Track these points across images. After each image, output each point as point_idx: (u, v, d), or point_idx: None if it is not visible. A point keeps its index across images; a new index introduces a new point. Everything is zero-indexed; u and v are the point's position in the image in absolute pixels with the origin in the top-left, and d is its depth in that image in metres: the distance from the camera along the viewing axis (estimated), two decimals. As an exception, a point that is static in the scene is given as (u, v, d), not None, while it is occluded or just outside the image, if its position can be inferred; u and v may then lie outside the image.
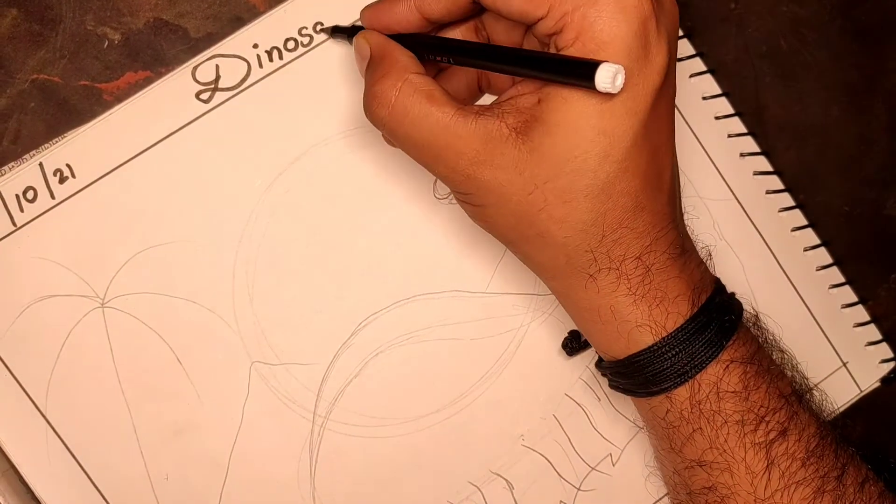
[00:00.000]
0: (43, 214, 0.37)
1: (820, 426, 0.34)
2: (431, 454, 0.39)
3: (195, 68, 0.38)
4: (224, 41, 0.38)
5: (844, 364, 0.43)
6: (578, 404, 0.40)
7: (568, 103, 0.29)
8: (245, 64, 0.38)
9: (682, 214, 0.34)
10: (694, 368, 0.32)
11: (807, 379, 0.37)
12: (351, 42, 0.35)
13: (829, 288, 0.42)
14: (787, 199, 0.42)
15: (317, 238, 0.39)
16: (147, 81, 0.38)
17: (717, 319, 0.33)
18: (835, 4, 0.43)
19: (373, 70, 0.33)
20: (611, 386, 0.36)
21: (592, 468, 0.40)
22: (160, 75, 0.38)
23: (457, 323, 0.39)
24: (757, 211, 0.42)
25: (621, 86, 0.27)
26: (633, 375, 0.33)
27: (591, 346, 0.39)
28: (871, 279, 0.43)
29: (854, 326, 0.42)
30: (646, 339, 0.32)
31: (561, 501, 0.40)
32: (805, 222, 0.42)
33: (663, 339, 0.32)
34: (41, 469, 0.37)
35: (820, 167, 0.43)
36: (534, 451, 0.40)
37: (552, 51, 0.30)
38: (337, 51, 0.38)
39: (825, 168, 0.43)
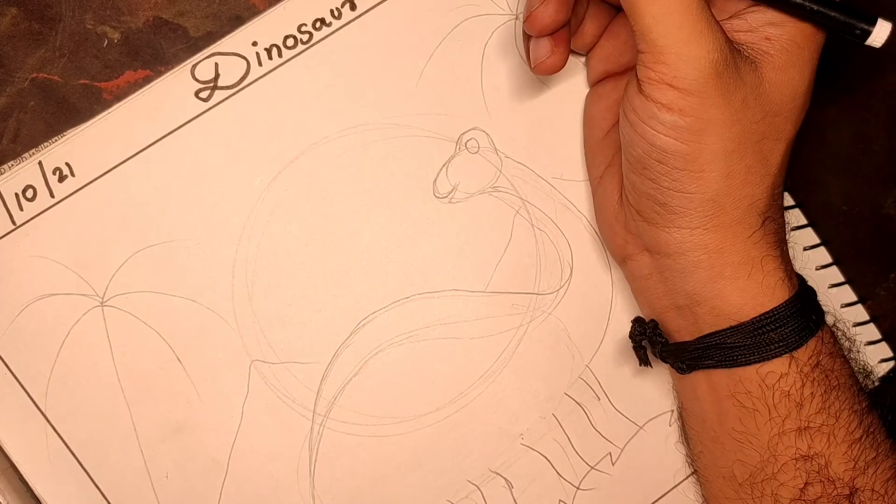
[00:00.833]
0: (42, 213, 0.37)
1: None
2: (431, 453, 0.39)
3: (194, 66, 0.38)
4: (223, 39, 0.38)
5: (844, 363, 0.43)
6: (578, 403, 0.40)
7: (798, 49, 0.31)
8: (244, 62, 0.38)
9: None
10: (817, 325, 0.32)
11: None
12: None
13: (829, 287, 0.42)
14: (786, 199, 0.42)
15: (316, 237, 0.39)
16: (146, 80, 0.38)
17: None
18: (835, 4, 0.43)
19: None
20: (690, 366, 0.34)
21: (592, 467, 0.40)
22: (160, 74, 0.38)
23: (456, 322, 0.39)
24: (756, 210, 0.42)
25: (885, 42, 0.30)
26: (756, 337, 0.32)
27: (654, 334, 0.36)
28: (870, 278, 0.43)
29: (853, 326, 0.42)
30: (783, 293, 0.32)
31: (560, 500, 0.40)
32: (804, 221, 0.42)
33: (796, 294, 0.32)
34: (41, 467, 0.37)
35: (818, 166, 0.43)
36: (533, 450, 0.40)
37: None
38: (336, 48, 0.39)
39: (824, 167, 0.43)
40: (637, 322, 0.38)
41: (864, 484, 0.32)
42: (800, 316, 0.32)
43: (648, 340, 0.37)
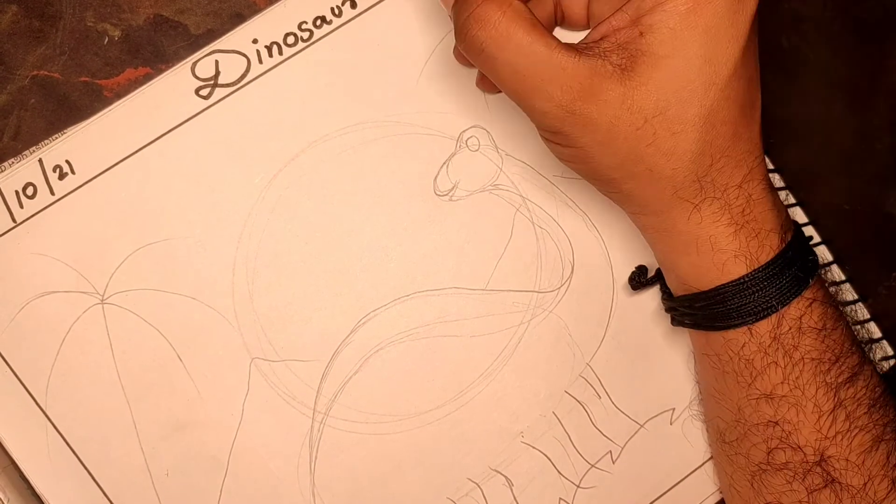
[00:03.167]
0: (42, 211, 0.37)
1: (881, 378, 0.35)
2: (431, 450, 0.39)
3: (195, 64, 0.38)
4: (224, 37, 0.38)
5: (844, 362, 0.43)
6: (578, 401, 0.40)
7: (675, 33, 0.29)
8: (245, 60, 0.38)
9: None
10: (779, 303, 0.32)
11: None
12: None
13: (830, 286, 0.42)
14: (787, 197, 0.42)
15: (317, 235, 0.39)
16: (147, 78, 0.38)
17: (802, 257, 0.33)
18: (836, 1, 0.43)
19: None
20: (678, 321, 0.36)
21: (592, 465, 0.40)
22: (160, 72, 0.38)
23: (457, 320, 0.39)
24: (757, 208, 0.42)
25: None
26: (715, 307, 0.33)
27: (655, 283, 0.39)
28: (871, 277, 0.43)
29: (854, 324, 0.42)
30: (739, 269, 0.32)
31: (560, 499, 0.40)
32: (805, 220, 0.42)
33: (755, 270, 0.32)
34: (41, 465, 0.37)
35: (820, 165, 0.43)
36: (533, 448, 0.40)
37: None
38: (337, 46, 0.38)
39: (826, 166, 0.43)
40: (637, 268, 0.40)
41: (837, 453, 0.33)
42: (756, 292, 0.32)
43: (638, 285, 0.40)
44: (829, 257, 0.42)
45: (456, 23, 0.32)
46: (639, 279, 0.40)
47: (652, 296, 0.40)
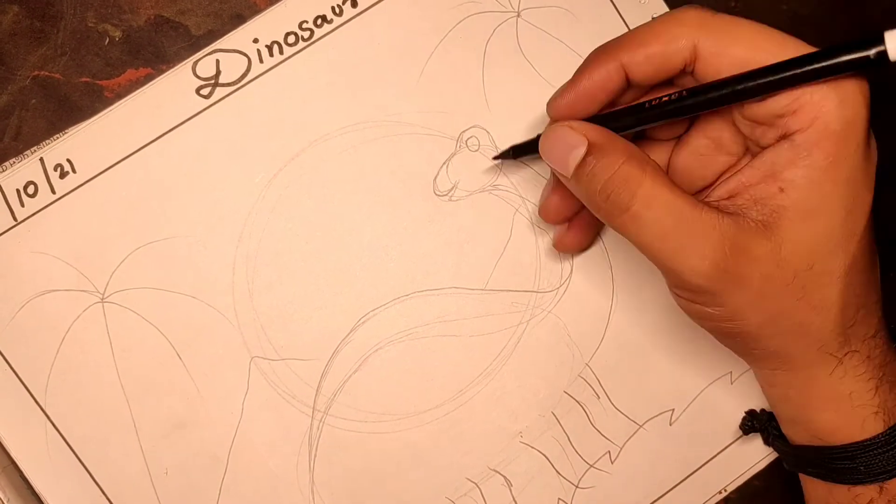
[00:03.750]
0: (43, 209, 0.37)
1: None
2: (430, 450, 0.39)
3: (195, 63, 0.38)
4: (224, 36, 0.38)
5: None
6: (577, 402, 0.40)
7: (819, 186, 0.28)
8: (245, 59, 0.38)
9: None
10: None
11: None
12: (538, 153, 0.34)
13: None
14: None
15: (317, 234, 0.39)
16: (148, 78, 0.38)
17: None
18: (835, 2, 0.43)
19: (606, 156, 0.30)
20: (799, 468, 0.35)
21: (591, 465, 0.40)
22: (161, 72, 0.38)
23: (456, 319, 0.39)
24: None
25: None
26: (844, 462, 0.32)
27: (766, 426, 0.39)
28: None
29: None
30: (877, 427, 0.32)
31: (559, 499, 0.40)
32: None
33: (892, 428, 0.31)
34: (40, 464, 0.37)
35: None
36: (532, 448, 0.40)
37: (775, 136, 0.29)
38: (337, 45, 0.39)
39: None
40: (748, 413, 0.40)
41: None
42: (891, 449, 0.31)
43: (758, 430, 0.39)
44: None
45: (590, 186, 0.31)
46: (752, 424, 0.39)
47: (651, 296, 0.40)
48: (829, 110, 0.28)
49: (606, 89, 0.32)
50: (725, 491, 0.41)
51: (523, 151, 0.37)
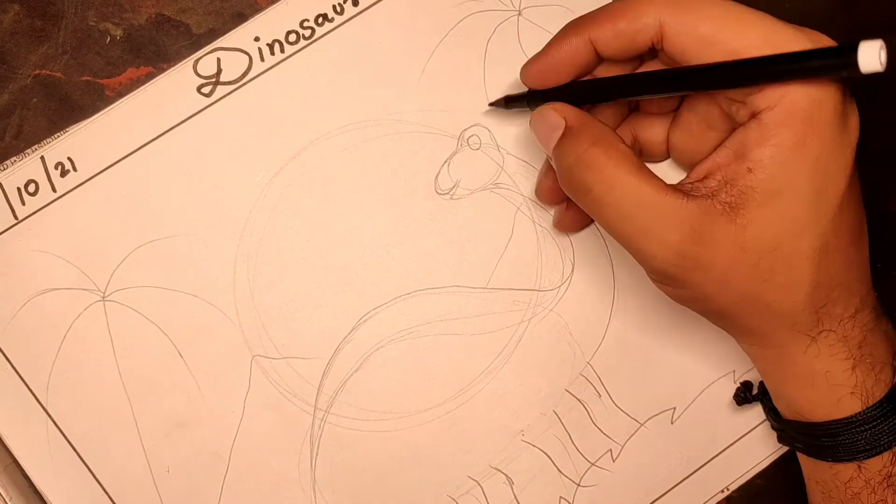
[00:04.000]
0: (44, 208, 0.37)
1: None
2: (431, 448, 0.39)
3: (196, 62, 0.38)
4: (226, 35, 0.38)
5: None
6: (579, 400, 0.40)
7: (785, 167, 0.28)
8: (246, 57, 0.38)
9: None
10: (892, 441, 0.32)
11: None
12: (530, 109, 0.34)
13: None
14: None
15: (318, 232, 0.39)
16: (149, 77, 0.38)
17: None
18: (837, 0, 0.43)
19: (575, 138, 0.31)
20: (786, 442, 0.36)
21: (592, 464, 0.40)
22: (162, 71, 0.38)
23: (457, 318, 0.39)
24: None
25: (885, 63, 0.25)
26: (825, 439, 0.33)
27: (760, 399, 0.39)
28: (872, 275, 0.43)
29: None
30: (854, 406, 0.32)
31: (561, 497, 0.40)
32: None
33: (869, 408, 0.31)
34: (42, 462, 0.37)
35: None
36: (534, 446, 0.40)
37: (742, 117, 0.29)
38: (339, 44, 0.39)
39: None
40: (743, 384, 0.40)
41: None
42: (869, 429, 0.32)
43: (744, 401, 0.39)
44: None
45: (560, 166, 0.31)
46: (744, 395, 0.39)
47: (653, 294, 0.40)
48: (797, 88, 0.28)
49: (574, 63, 0.32)
50: (728, 490, 0.41)
51: (515, 102, 0.37)
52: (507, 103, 0.38)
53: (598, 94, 0.33)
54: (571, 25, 0.32)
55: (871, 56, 0.24)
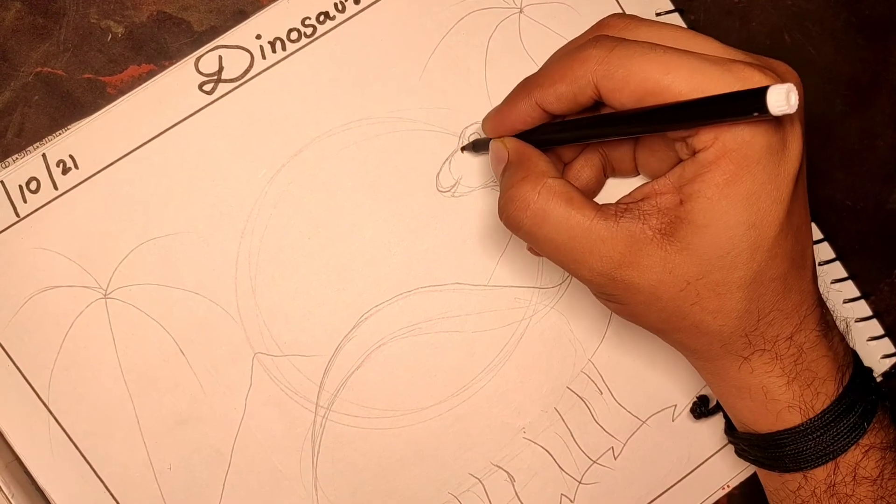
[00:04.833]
0: (46, 205, 0.37)
1: None
2: (433, 446, 0.39)
3: (198, 59, 0.38)
4: (227, 32, 0.38)
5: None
6: (580, 397, 0.40)
7: (713, 202, 0.29)
8: (248, 55, 0.38)
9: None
10: (835, 451, 0.32)
11: None
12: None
13: (832, 283, 0.42)
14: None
15: (319, 230, 0.39)
16: (150, 75, 0.38)
17: (861, 401, 0.33)
18: (838, 0, 0.43)
19: (511, 174, 0.33)
20: (739, 453, 0.36)
21: (594, 461, 0.40)
22: (164, 69, 0.38)
23: (459, 315, 0.39)
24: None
25: (797, 104, 0.25)
26: (771, 450, 0.33)
27: (719, 412, 0.40)
28: (873, 274, 0.43)
29: (856, 321, 0.42)
30: (794, 419, 0.32)
31: (562, 494, 0.40)
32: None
33: (810, 420, 0.32)
34: (44, 459, 0.37)
35: (823, 161, 0.43)
36: (535, 443, 0.40)
37: (684, 154, 0.30)
38: (340, 42, 0.39)
39: (828, 162, 0.43)
40: (699, 399, 0.41)
41: None
42: (812, 440, 0.32)
43: (700, 415, 0.41)
44: (832, 254, 0.42)
45: (498, 202, 0.33)
46: (700, 409, 0.40)
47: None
48: (727, 129, 0.29)
49: (525, 121, 0.34)
50: (728, 486, 0.41)
51: (481, 147, 0.38)
52: (475, 148, 0.38)
53: (550, 140, 0.34)
54: (520, 88, 0.34)
55: (779, 99, 0.25)
